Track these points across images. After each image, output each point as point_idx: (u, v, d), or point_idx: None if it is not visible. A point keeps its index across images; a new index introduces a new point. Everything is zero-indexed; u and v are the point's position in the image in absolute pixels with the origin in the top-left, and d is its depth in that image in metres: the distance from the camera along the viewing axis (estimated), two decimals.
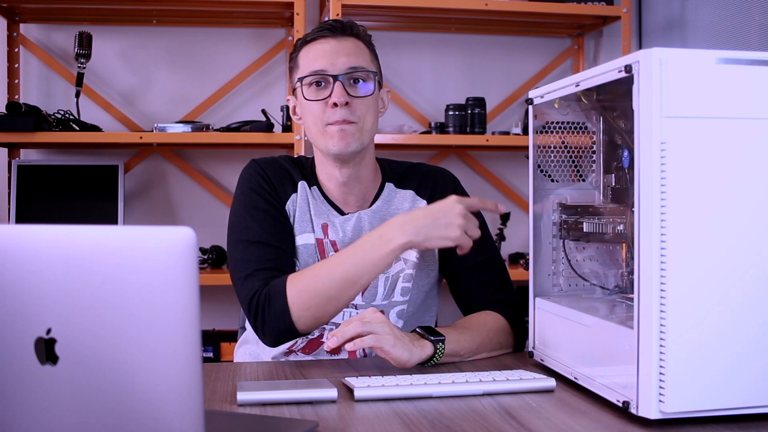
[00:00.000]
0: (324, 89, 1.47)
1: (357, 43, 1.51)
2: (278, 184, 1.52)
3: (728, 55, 0.98)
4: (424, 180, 1.58)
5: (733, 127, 0.97)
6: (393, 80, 3.06)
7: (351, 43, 1.50)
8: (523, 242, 3.05)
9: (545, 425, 1.00)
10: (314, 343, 1.49)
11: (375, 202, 1.55)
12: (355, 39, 1.51)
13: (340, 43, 1.49)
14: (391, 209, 1.55)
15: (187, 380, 0.70)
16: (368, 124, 1.49)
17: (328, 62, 1.46)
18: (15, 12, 2.78)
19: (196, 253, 0.70)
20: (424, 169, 1.63)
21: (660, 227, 0.95)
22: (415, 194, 1.57)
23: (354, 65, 1.47)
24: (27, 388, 0.76)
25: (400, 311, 1.52)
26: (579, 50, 3.18)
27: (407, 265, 1.51)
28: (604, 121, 1.29)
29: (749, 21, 2.45)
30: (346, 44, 1.49)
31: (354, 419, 1.03)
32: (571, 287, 1.33)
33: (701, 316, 0.95)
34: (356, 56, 1.48)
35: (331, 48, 1.48)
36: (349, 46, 1.49)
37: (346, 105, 1.45)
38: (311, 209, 1.52)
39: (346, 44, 1.49)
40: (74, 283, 0.73)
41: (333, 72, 1.46)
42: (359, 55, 1.49)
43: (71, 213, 2.68)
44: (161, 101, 2.90)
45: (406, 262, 1.51)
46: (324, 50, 1.48)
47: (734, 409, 0.97)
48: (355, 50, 1.49)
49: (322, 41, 1.49)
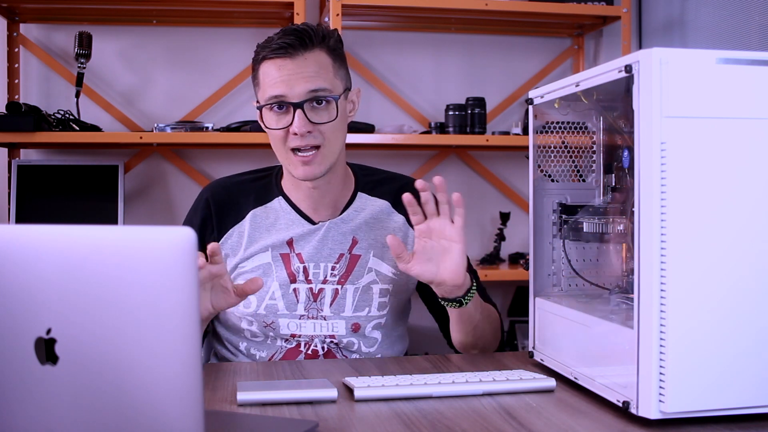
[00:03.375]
0: (285, 114, 1.42)
1: (319, 57, 1.42)
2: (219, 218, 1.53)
3: (728, 55, 0.98)
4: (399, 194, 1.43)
5: (733, 127, 0.97)
6: (393, 80, 3.06)
7: (311, 62, 1.41)
8: (523, 242, 3.05)
9: (545, 425, 1.00)
10: (293, 353, 1.49)
11: (345, 211, 1.53)
12: (318, 50, 1.42)
13: (299, 65, 1.40)
14: (360, 217, 1.53)
15: (187, 380, 0.70)
16: (335, 145, 1.45)
17: (287, 87, 1.40)
18: (15, 12, 2.77)
19: (196, 253, 0.70)
20: (402, 181, 1.60)
21: (660, 227, 0.95)
22: (391, 206, 1.56)
23: (315, 88, 1.40)
24: (27, 388, 0.76)
25: (377, 324, 1.52)
26: (579, 50, 3.18)
27: (381, 279, 1.51)
28: (604, 121, 1.29)
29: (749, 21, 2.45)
30: (306, 65, 1.40)
31: (354, 419, 1.03)
32: (571, 287, 1.33)
33: (701, 316, 0.95)
34: (317, 77, 1.40)
35: (290, 72, 1.40)
36: (308, 66, 1.40)
37: (308, 132, 1.41)
38: (268, 230, 1.51)
39: (306, 65, 1.40)
40: (74, 283, 0.73)
41: (292, 99, 1.40)
42: (320, 75, 1.41)
43: (71, 213, 2.68)
44: (161, 101, 2.89)
45: (379, 274, 1.51)
46: (281, 74, 1.40)
47: (734, 409, 0.97)
48: (316, 70, 1.41)
49: (279, 62, 1.40)
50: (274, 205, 1.54)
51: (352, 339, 1.50)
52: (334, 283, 1.49)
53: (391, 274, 1.52)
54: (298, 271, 1.49)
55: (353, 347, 1.51)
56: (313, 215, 1.53)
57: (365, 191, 1.57)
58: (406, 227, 1.54)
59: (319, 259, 1.50)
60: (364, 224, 1.53)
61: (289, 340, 1.49)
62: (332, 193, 1.52)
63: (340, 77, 1.46)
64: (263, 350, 1.50)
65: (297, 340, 1.49)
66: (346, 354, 1.50)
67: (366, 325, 1.50)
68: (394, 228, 1.54)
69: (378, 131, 2.83)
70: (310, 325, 1.48)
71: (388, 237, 1.31)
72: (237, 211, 1.53)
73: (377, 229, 1.53)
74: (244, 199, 1.54)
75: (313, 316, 1.48)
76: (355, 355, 1.51)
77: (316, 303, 1.49)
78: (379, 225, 1.54)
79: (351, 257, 1.51)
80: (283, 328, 1.48)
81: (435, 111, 3.06)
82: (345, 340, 1.49)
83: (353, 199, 1.55)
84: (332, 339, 1.49)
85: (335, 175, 1.51)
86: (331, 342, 1.49)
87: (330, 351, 1.49)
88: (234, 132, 2.62)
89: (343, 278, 1.50)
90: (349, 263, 1.50)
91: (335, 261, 1.50)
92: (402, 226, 1.55)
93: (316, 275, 1.49)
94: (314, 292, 1.49)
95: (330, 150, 1.44)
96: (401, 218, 1.55)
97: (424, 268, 1.31)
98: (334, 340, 1.49)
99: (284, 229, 1.51)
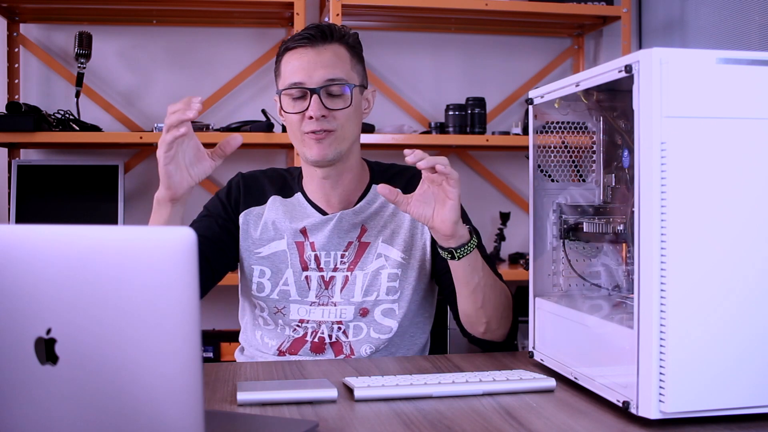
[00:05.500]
0: (302, 101, 1.49)
1: (338, 50, 1.50)
2: (245, 196, 1.60)
3: (728, 55, 0.98)
4: (412, 181, 1.58)
5: (733, 127, 0.97)
6: (393, 80, 3.06)
7: (330, 53, 1.49)
8: (523, 242, 3.05)
9: (545, 425, 1.00)
10: (298, 343, 1.51)
11: (360, 201, 1.58)
12: (337, 45, 1.50)
13: (319, 53, 1.48)
14: (372, 209, 1.57)
15: (187, 380, 0.70)
16: (348, 132, 1.50)
17: (306, 75, 1.47)
18: (15, 12, 2.78)
19: (196, 253, 0.70)
20: (412, 171, 1.63)
21: (660, 227, 0.95)
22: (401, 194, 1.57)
23: (331, 77, 1.47)
24: (27, 388, 0.76)
25: (388, 311, 1.52)
26: (579, 50, 3.18)
27: (389, 263, 1.54)
28: (604, 121, 1.29)
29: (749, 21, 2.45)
30: (325, 54, 1.49)
31: (354, 419, 1.03)
32: (571, 287, 1.33)
33: (701, 316, 0.95)
34: (334, 67, 1.48)
35: (309, 60, 1.48)
36: (327, 56, 1.49)
37: (323, 117, 1.47)
38: (286, 218, 1.56)
39: (325, 54, 1.49)
40: (74, 283, 0.73)
41: (310, 85, 1.47)
42: (337, 66, 1.49)
43: (71, 213, 2.68)
44: (161, 101, 2.89)
45: (387, 259, 1.54)
46: (302, 62, 1.48)
47: (734, 409, 0.97)
48: (333, 60, 1.49)
49: (301, 51, 1.49)
50: (292, 200, 1.60)
51: (360, 324, 1.52)
52: (344, 270, 1.53)
53: (399, 258, 1.54)
54: (309, 259, 1.54)
55: (361, 333, 1.51)
56: (326, 207, 1.57)
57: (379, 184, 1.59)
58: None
59: (330, 247, 1.54)
60: (375, 214, 1.57)
61: (297, 330, 1.51)
62: (343, 186, 1.56)
63: (357, 72, 1.54)
64: (273, 339, 1.54)
65: (305, 327, 1.51)
66: (354, 344, 1.51)
67: (374, 309, 1.52)
68: (402, 213, 1.57)
69: (378, 131, 2.83)
70: (319, 311, 1.52)
71: (379, 186, 1.35)
72: (261, 194, 1.61)
73: (386, 216, 1.57)
74: (268, 186, 1.62)
75: (324, 303, 1.52)
76: (364, 345, 1.51)
77: (328, 290, 1.53)
78: (389, 212, 1.57)
79: (360, 245, 1.55)
80: (293, 314, 1.52)
81: (435, 111, 3.06)
82: (352, 325, 1.51)
83: (367, 192, 1.59)
84: (339, 325, 1.51)
85: (347, 166, 1.55)
86: (338, 329, 1.51)
87: (338, 341, 1.51)
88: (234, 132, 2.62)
89: (353, 265, 1.54)
90: (358, 250, 1.54)
91: (344, 249, 1.54)
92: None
93: (327, 263, 1.54)
94: (325, 280, 1.53)
95: (342, 135, 1.49)
96: None
97: (421, 211, 1.35)
98: (341, 326, 1.51)
99: (299, 219, 1.57)
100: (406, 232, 1.55)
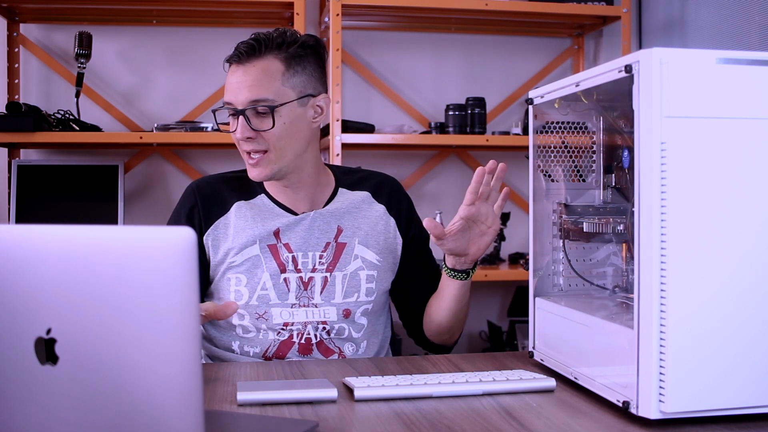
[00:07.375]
0: (234, 119, 1.48)
1: (268, 65, 1.45)
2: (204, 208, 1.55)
3: (728, 55, 0.98)
4: (380, 187, 1.64)
5: (733, 127, 0.97)
6: (393, 80, 3.06)
7: (257, 71, 1.45)
8: (523, 242, 3.05)
9: (545, 425, 1.00)
10: (285, 346, 1.51)
11: (329, 203, 1.58)
12: (271, 58, 1.45)
13: (246, 72, 1.45)
14: (344, 207, 1.58)
15: (187, 380, 0.70)
16: (285, 150, 1.48)
17: (233, 95, 1.46)
18: (15, 12, 2.78)
19: (196, 253, 0.70)
20: (380, 177, 1.68)
21: (660, 227, 0.95)
22: (371, 196, 1.62)
23: (255, 98, 1.44)
24: (27, 388, 0.76)
25: (365, 310, 1.56)
26: (579, 50, 3.18)
27: (366, 265, 1.56)
28: (604, 121, 1.29)
29: (749, 21, 2.45)
30: (251, 73, 1.45)
31: (354, 419, 1.03)
32: (571, 287, 1.33)
33: (701, 316, 0.95)
34: (259, 87, 1.44)
35: (237, 79, 1.46)
36: (253, 75, 1.44)
37: (250, 138, 1.46)
38: (256, 221, 1.53)
39: (251, 73, 1.45)
40: (74, 283, 0.73)
41: (237, 106, 1.46)
42: (263, 85, 1.44)
43: (71, 213, 2.68)
44: (161, 101, 2.90)
45: (364, 261, 1.56)
46: (230, 81, 1.47)
47: (734, 409, 0.97)
48: (259, 79, 1.44)
49: (233, 68, 1.48)
50: (257, 201, 1.57)
51: (343, 325, 1.54)
52: (322, 271, 1.53)
53: (375, 260, 1.57)
54: (287, 260, 1.52)
55: (344, 333, 1.54)
56: (294, 207, 1.57)
57: (345, 188, 1.63)
58: (386, 216, 1.61)
59: (307, 248, 1.54)
60: (347, 213, 1.58)
61: (281, 333, 1.51)
62: (305, 190, 1.56)
63: (291, 85, 1.47)
64: (256, 346, 1.52)
65: (290, 329, 1.51)
66: (338, 342, 1.54)
67: (356, 310, 1.55)
68: (375, 216, 1.60)
69: (378, 131, 2.83)
70: (302, 312, 1.52)
71: (425, 220, 1.37)
72: (222, 203, 1.57)
73: (360, 218, 1.59)
74: (228, 193, 1.58)
75: (305, 304, 1.52)
76: (347, 343, 1.55)
77: (307, 291, 1.53)
78: (361, 214, 1.59)
79: (337, 245, 1.55)
80: (276, 317, 1.51)
81: (435, 111, 3.06)
82: (336, 326, 1.53)
83: (335, 195, 1.60)
84: (324, 325, 1.52)
85: (302, 176, 1.55)
86: (323, 329, 1.52)
87: (322, 341, 1.52)
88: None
89: (331, 266, 1.54)
90: (336, 251, 1.55)
91: (322, 249, 1.54)
92: (383, 214, 1.61)
93: (305, 264, 1.53)
94: (304, 281, 1.53)
95: (277, 155, 1.48)
96: (381, 207, 1.62)
97: (456, 245, 1.41)
98: (326, 326, 1.52)
99: (269, 220, 1.54)
100: (379, 235, 1.59)
